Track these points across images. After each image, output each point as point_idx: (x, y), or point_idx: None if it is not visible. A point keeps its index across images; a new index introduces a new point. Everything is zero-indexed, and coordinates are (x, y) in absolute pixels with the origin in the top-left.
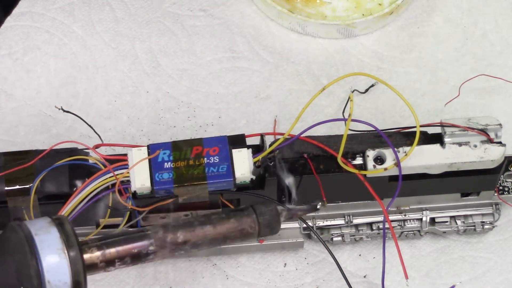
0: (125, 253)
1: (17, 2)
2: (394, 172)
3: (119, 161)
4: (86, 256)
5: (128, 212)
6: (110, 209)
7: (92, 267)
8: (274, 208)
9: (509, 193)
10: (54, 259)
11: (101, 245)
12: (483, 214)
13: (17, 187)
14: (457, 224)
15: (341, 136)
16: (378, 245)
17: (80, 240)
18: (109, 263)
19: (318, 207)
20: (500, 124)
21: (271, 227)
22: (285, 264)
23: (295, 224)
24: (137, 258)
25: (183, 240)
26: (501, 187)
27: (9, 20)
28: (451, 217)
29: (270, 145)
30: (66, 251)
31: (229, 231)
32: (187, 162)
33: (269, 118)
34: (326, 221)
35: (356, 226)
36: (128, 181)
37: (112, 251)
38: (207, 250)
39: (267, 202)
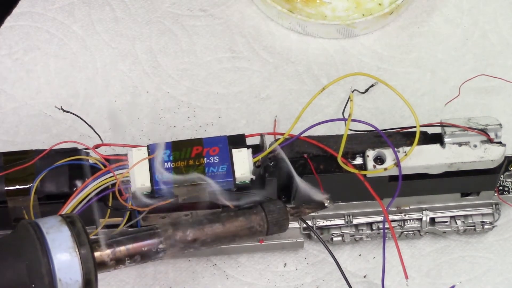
0: (135, 251)
1: (17, 2)
2: (394, 172)
3: (119, 161)
4: (96, 254)
5: (128, 212)
6: (110, 209)
7: (103, 265)
8: (283, 206)
9: (509, 193)
10: (65, 257)
11: (111, 243)
12: (483, 214)
13: (17, 187)
14: (457, 224)
15: (341, 136)
16: (378, 245)
17: (90, 238)
18: (119, 261)
19: (326, 205)
20: (500, 124)
21: (280, 225)
22: (285, 264)
23: (295, 224)
24: (147, 256)
25: (192, 238)
26: (501, 187)
27: (9, 20)
28: (451, 217)
29: (270, 145)
30: (77, 250)
31: (238, 229)
32: (187, 162)
33: (269, 118)
34: (326, 221)
35: (356, 226)
36: (128, 181)
37: (122, 249)
38: (207, 250)
39: (275, 200)
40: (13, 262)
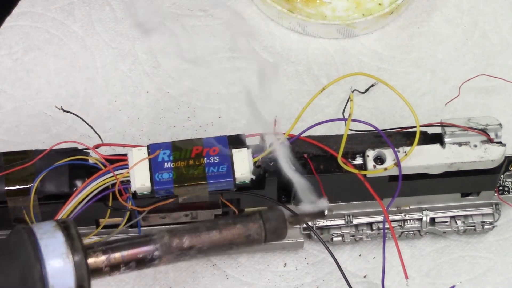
0: (130, 257)
1: (17, 2)
2: (394, 172)
3: (119, 161)
4: (91, 260)
5: (128, 212)
6: (110, 209)
7: (97, 271)
8: (281, 213)
9: (509, 193)
10: (58, 263)
11: (106, 249)
12: (483, 214)
13: (17, 187)
14: (457, 224)
15: (341, 136)
16: (378, 245)
17: (85, 244)
18: (113, 267)
19: (325, 213)
20: (500, 124)
21: (278, 233)
22: (285, 264)
23: None
24: (142, 263)
25: (188, 245)
26: (501, 187)
27: (9, 20)
28: (451, 217)
29: (270, 145)
30: (71, 256)
31: (235, 237)
32: (187, 162)
33: (269, 118)
34: (326, 221)
35: (356, 226)
36: (128, 181)
37: (117, 255)
38: None
39: (273, 207)
40: (5, 268)
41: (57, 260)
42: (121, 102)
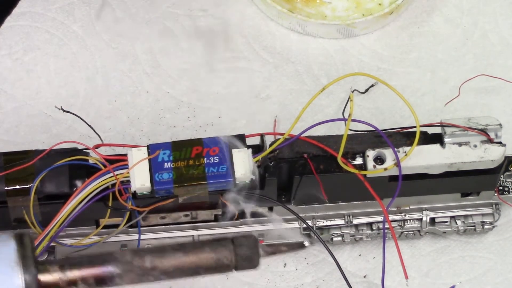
0: (88, 274)
1: (17, 2)
2: (394, 172)
3: (119, 161)
4: (46, 275)
5: (128, 212)
6: (110, 209)
7: (53, 286)
8: (254, 240)
9: (509, 193)
10: (6, 270)
11: (64, 264)
12: (483, 214)
13: (17, 187)
14: (457, 224)
15: (341, 136)
16: (378, 245)
17: (44, 259)
18: (71, 284)
19: (305, 244)
20: (500, 124)
21: (249, 260)
22: (285, 264)
23: (295, 224)
24: (102, 280)
25: (151, 266)
26: (501, 187)
27: (9, 20)
28: (451, 217)
29: (270, 145)
30: (20, 266)
31: (202, 261)
32: (187, 162)
33: (269, 118)
34: (326, 221)
35: (356, 226)
36: (128, 181)
37: (75, 272)
38: None
39: (248, 235)
40: None
41: (6, 268)
42: (121, 102)
